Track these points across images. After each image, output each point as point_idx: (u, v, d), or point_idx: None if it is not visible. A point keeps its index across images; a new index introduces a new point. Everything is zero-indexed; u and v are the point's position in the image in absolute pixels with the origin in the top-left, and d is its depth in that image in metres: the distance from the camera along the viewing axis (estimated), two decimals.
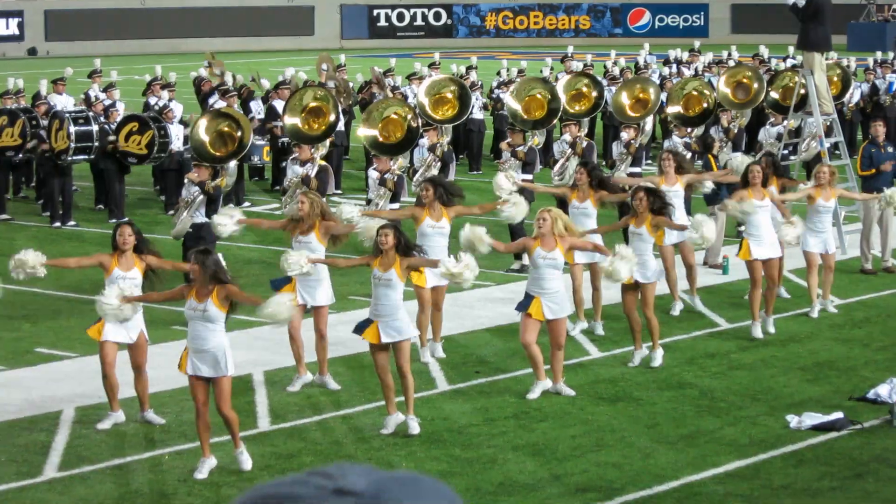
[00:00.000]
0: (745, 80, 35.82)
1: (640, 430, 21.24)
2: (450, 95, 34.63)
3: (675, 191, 26.87)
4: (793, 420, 21.43)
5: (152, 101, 40.81)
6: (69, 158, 36.18)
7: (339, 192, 38.58)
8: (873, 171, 31.39)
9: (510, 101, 35.40)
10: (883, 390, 22.12)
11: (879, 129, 33.24)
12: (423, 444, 20.64)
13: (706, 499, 18.52)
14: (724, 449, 20.40)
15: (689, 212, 27.91)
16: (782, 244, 26.38)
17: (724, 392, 23.05)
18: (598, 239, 24.21)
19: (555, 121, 36.14)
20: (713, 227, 25.76)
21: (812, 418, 21.40)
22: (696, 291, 27.45)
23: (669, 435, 21.04)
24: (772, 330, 25.95)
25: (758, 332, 25.76)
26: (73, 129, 35.97)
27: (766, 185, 27.17)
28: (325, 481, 2.09)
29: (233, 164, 29.55)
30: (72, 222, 35.05)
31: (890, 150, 32.83)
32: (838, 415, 21.46)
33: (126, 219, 20.79)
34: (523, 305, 22.48)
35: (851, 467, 19.61)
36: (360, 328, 21.19)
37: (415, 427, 20.80)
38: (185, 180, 27.49)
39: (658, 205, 23.99)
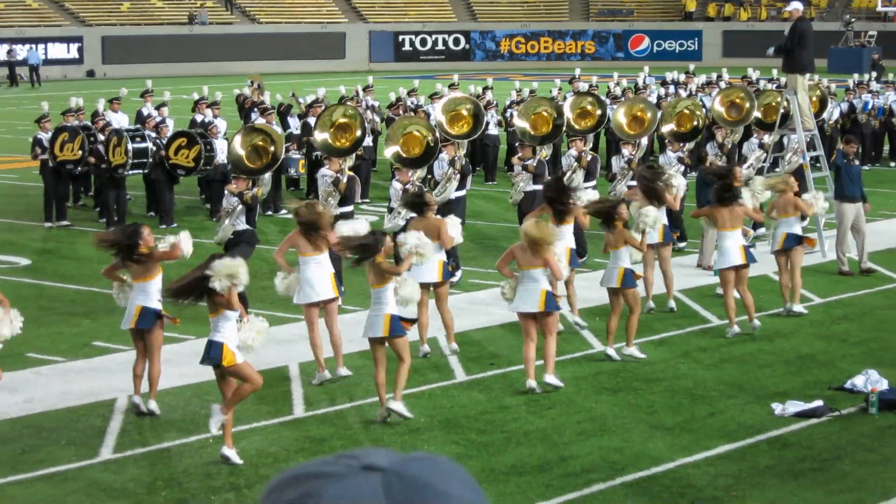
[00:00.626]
0: (737, 100, 35.77)
1: (638, 417, 21.17)
2: (465, 113, 34.55)
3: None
4: (777, 407, 21.38)
5: (199, 118, 40.80)
6: (126, 172, 36.47)
7: (367, 200, 38.56)
8: None
9: (518, 120, 35.43)
10: (859, 381, 22.16)
11: (849, 146, 33.43)
12: (442, 430, 20.61)
13: (699, 479, 18.45)
14: (715, 434, 20.33)
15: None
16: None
17: (715, 382, 22.98)
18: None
19: (560, 136, 36.19)
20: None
21: (795, 406, 21.34)
22: (685, 293, 27.35)
23: (665, 421, 20.97)
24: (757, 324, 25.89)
25: (735, 331, 25.73)
26: (131, 146, 36.49)
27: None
28: (353, 461, 2.04)
29: (267, 175, 29.51)
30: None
31: (856, 163, 32.93)
32: (818, 403, 21.40)
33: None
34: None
35: (830, 451, 19.53)
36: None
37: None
38: (226, 191, 27.41)
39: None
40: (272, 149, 28.93)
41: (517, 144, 32.66)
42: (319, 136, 31.29)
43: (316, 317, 22.89)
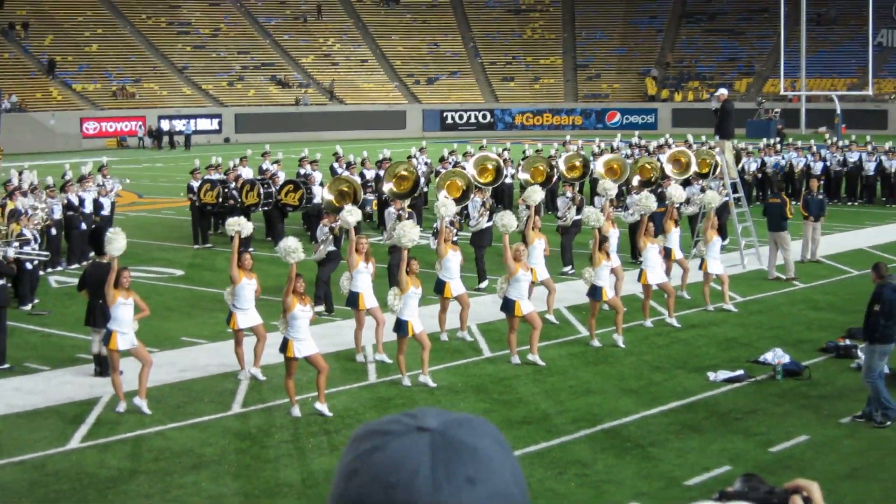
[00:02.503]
0: (681, 158, 35.56)
1: (612, 383, 21.10)
2: (490, 167, 34.55)
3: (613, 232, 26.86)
4: (711, 375, 21.32)
5: (302, 171, 40.86)
6: (256, 210, 37.35)
7: (420, 228, 38.60)
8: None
9: (520, 173, 35.55)
10: (769, 356, 22.23)
11: (814, 184, 34.47)
12: (474, 391, 20.57)
13: (655, 426, 18.38)
14: (667, 394, 20.26)
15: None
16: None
17: (667, 358, 22.92)
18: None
19: (552, 182, 36.18)
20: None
21: (723, 374, 21.30)
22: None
23: (632, 385, 20.90)
24: (676, 324, 25.75)
25: (648, 324, 25.61)
26: (262, 190, 37.35)
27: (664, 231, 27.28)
28: (411, 420, 2.03)
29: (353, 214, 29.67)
30: (251, 248, 35.07)
31: (820, 197, 34.01)
32: (740, 372, 21.38)
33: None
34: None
35: (749, 406, 19.47)
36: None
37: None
38: (320, 224, 27.40)
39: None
40: (353, 193, 29.02)
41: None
42: (386, 185, 31.33)
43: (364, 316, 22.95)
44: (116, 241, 19.83)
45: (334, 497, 2.09)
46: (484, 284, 29.45)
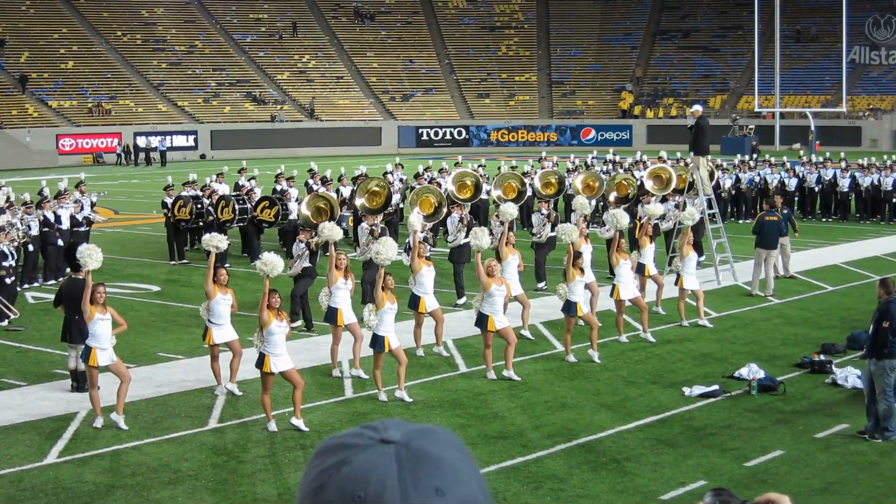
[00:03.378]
0: (661, 174, 35.64)
1: (588, 398, 21.13)
2: (469, 182, 34.59)
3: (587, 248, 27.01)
4: (686, 390, 21.37)
5: (278, 187, 40.87)
6: (232, 226, 37.36)
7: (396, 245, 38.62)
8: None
9: (493, 189, 35.59)
10: (744, 371, 22.26)
11: (777, 200, 34.33)
12: (450, 407, 20.57)
13: (630, 441, 18.41)
14: (643, 409, 20.30)
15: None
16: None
17: (642, 373, 22.96)
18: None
19: (525, 199, 36.12)
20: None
21: (699, 389, 21.35)
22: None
23: (607, 400, 20.93)
24: (651, 339, 25.81)
25: (623, 339, 25.62)
26: (237, 206, 37.61)
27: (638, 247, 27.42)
28: (374, 433, 2.06)
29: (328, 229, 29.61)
30: (227, 264, 35.01)
31: (785, 211, 33.90)
32: (715, 387, 21.42)
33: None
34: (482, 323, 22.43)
35: (724, 420, 19.53)
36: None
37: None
38: (296, 239, 27.39)
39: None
40: (329, 210, 28.98)
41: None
42: (359, 201, 31.30)
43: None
44: (94, 255, 19.74)
45: None
46: (462, 301, 29.50)
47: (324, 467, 2.12)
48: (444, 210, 31.17)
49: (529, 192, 37.21)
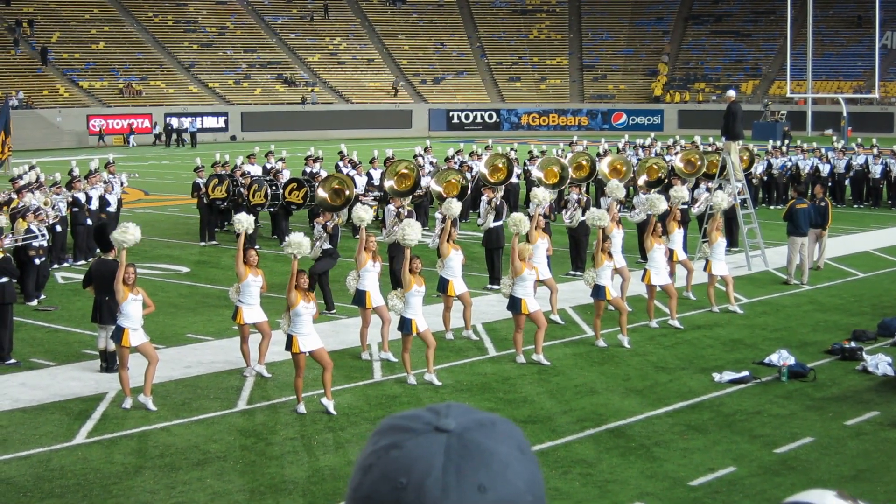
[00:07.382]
0: (692, 159, 35.52)
1: (617, 383, 21.08)
2: (501, 165, 34.54)
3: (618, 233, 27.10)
4: (716, 376, 21.30)
5: (307, 169, 40.88)
6: (262, 209, 37.16)
7: (426, 228, 38.54)
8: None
9: (535, 171, 35.46)
10: (774, 357, 22.16)
11: (819, 191, 34.21)
12: (479, 391, 20.54)
13: (660, 427, 18.35)
14: (672, 394, 20.24)
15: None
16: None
17: (672, 358, 22.90)
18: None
19: (565, 184, 36.10)
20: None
21: (729, 375, 21.27)
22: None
23: (637, 385, 20.88)
24: (679, 325, 25.68)
25: (653, 325, 25.56)
26: (269, 191, 37.49)
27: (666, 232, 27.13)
28: (433, 418, 2.02)
29: (344, 210, 29.56)
30: (257, 246, 35.05)
31: (823, 203, 33.38)
32: (746, 373, 21.34)
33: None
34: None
35: (754, 407, 19.45)
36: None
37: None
38: (315, 222, 27.39)
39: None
40: (346, 192, 28.77)
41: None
42: (387, 183, 31.28)
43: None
44: (130, 231, 19.63)
45: (350, 488, 2.09)
46: (496, 286, 29.39)
47: (376, 447, 2.09)
48: (418, 186, 31.31)
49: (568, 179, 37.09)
